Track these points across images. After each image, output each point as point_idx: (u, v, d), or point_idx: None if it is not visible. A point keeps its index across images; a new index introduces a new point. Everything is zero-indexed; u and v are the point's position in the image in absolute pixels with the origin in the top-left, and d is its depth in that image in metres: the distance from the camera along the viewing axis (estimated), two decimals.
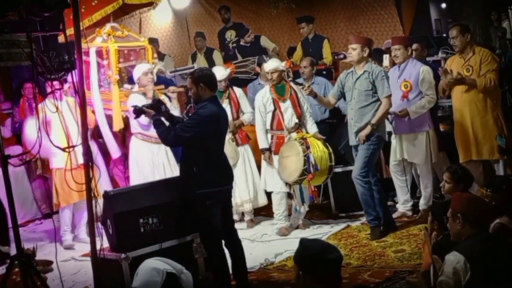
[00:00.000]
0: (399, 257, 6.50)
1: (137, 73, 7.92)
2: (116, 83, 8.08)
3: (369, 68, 7.24)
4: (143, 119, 7.15)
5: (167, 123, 5.99)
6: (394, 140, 7.78)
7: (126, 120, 8.18)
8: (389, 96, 7.20)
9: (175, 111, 7.99)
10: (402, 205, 7.92)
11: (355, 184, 7.26)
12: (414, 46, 8.14)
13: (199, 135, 5.67)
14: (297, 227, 7.90)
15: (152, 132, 7.69)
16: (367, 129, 7.16)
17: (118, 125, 8.11)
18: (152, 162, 7.87)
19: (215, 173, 5.78)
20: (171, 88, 8.15)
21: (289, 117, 7.69)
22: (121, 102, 8.07)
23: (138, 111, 6.15)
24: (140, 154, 7.89)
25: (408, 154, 7.71)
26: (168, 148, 7.92)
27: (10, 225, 8.02)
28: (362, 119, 7.25)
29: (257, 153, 8.15)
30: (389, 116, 7.59)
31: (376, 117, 7.16)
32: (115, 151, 8.17)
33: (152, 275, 3.38)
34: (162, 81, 8.65)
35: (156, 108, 6.03)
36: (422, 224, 7.35)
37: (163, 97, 8.01)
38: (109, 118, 8.24)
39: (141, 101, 7.70)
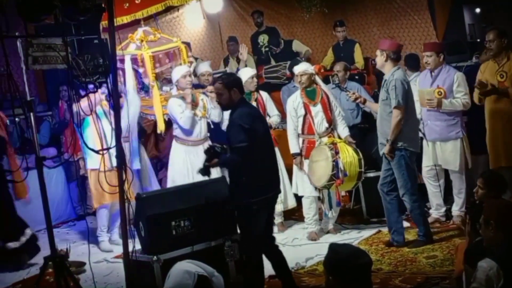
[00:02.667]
0: (431, 263, 6.47)
1: (175, 76, 7.98)
2: (155, 89, 8.14)
3: (388, 76, 7.02)
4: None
5: None
6: (426, 146, 7.73)
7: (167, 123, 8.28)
8: (398, 107, 6.88)
9: (215, 110, 8.04)
10: (436, 210, 7.87)
11: (404, 203, 7.11)
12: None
13: (250, 138, 5.60)
14: (328, 232, 7.90)
15: (191, 136, 7.84)
16: (387, 147, 6.98)
17: (162, 126, 8.17)
18: (188, 164, 7.91)
19: (264, 180, 5.76)
20: (209, 87, 8.18)
21: (319, 122, 7.68)
22: (162, 106, 8.13)
23: (206, 171, 5.96)
24: (178, 157, 7.96)
25: (442, 160, 7.66)
26: None
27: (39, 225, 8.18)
28: (382, 131, 7.10)
29: (287, 157, 8.16)
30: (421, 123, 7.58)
31: (390, 132, 6.94)
32: (136, 162, 8.18)
33: (184, 277, 3.40)
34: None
35: (213, 154, 5.85)
36: (455, 230, 7.31)
37: (201, 97, 8.07)
38: (152, 123, 8.36)
39: (180, 105, 7.78)
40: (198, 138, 7.99)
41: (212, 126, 8.13)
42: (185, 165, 7.91)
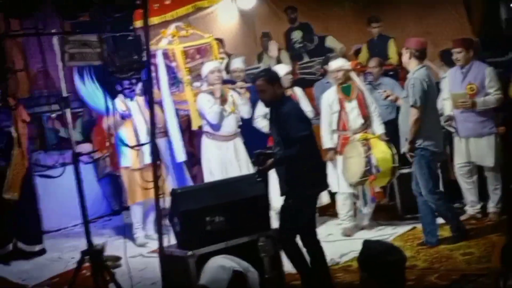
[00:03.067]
0: (467, 260, 6.41)
1: (204, 71, 8.03)
2: (188, 84, 8.18)
3: (410, 74, 6.96)
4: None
5: None
6: (458, 143, 7.63)
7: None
8: (414, 106, 6.76)
9: (245, 106, 8.08)
10: (471, 207, 7.78)
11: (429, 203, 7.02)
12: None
13: (310, 127, 5.85)
14: (362, 228, 7.87)
15: (221, 131, 7.90)
16: (406, 146, 6.92)
17: (196, 122, 8.20)
18: (220, 159, 7.96)
19: (320, 171, 6.00)
20: (239, 83, 8.21)
21: (354, 118, 7.65)
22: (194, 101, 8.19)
23: (263, 176, 5.94)
24: (209, 152, 8.03)
25: (477, 157, 7.57)
26: (238, 146, 8.04)
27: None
28: (404, 129, 7.02)
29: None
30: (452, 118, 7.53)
31: (409, 131, 6.87)
32: (180, 154, 8.24)
33: (219, 272, 3.41)
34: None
35: (265, 158, 5.81)
36: (491, 227, 7.24)
37: (231, 93, 8.09)
38: (186, 119, 8.41)
39: (209, 100, 7.83)
40: (228, 133, 8.03)
41: (240, 123, 8.16)
42: (218, 161, 7.96)
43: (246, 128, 8.27)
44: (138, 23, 5.49)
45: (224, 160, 7.99)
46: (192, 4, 8.35)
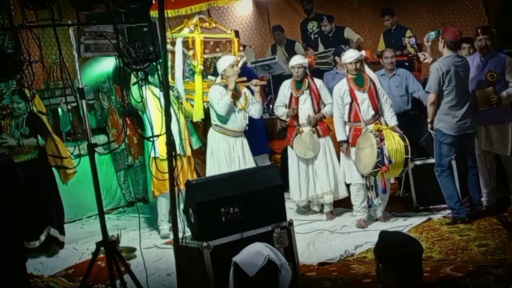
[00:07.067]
0: (483, 251, 6.37)
1: (223, 64, 7.98)
2: (200, 73, 8.16)
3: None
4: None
5: None
6: (479, 131, 7.57)
7: (207, 111, 8.28)
8: (429, 92, 7.40)
9: (256, 105, 8.06)
10: (486, 198, 7.73)
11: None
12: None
13: None
14: (377, 219, 7.85)
15: (230, 125, 7.87)
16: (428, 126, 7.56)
17: (198, 115, 8.19)
18: (228, 154, 7.95)
19: None
20: (254, 81, 8.17)
21: (365, 109, 7.63)
22: (204, 93, 8.18)
23: None
24: (217, 145, 7.99)
25: (494, 145, 7.51)
26: (244, 142, 8.03)
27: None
28: None
29: (337, 145, 8.14)
30: None
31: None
32: (195, 141, 8.29)
33: (255, 257, 3.44)
34: (245, 71, 8.68)
35: None
36: (508, 218, 7.18)
37: (244, 91, 8.08)
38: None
39: (221, 93, 7.80)
40: (237, 128, 7.99)
41: (247, 122, 8.15)
42: (226, 155, 7.94)
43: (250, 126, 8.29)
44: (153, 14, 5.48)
45: (233, 155, 7.96)
46: (207, 2, 8.34)
